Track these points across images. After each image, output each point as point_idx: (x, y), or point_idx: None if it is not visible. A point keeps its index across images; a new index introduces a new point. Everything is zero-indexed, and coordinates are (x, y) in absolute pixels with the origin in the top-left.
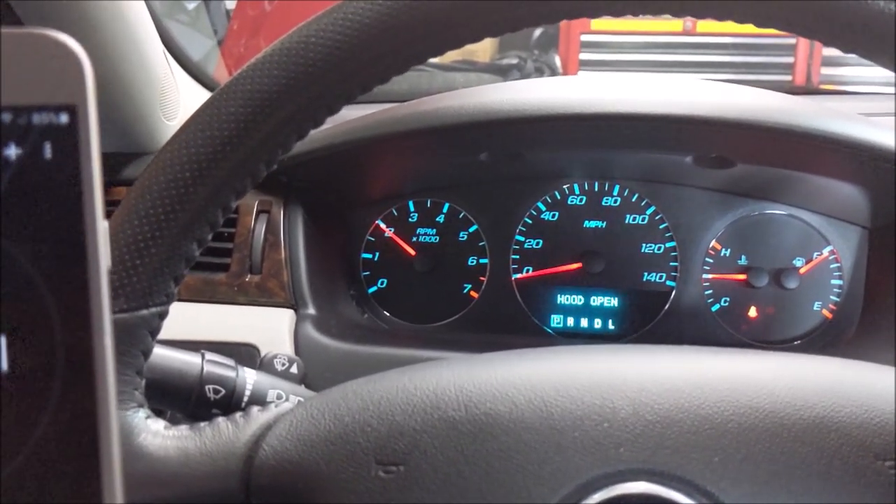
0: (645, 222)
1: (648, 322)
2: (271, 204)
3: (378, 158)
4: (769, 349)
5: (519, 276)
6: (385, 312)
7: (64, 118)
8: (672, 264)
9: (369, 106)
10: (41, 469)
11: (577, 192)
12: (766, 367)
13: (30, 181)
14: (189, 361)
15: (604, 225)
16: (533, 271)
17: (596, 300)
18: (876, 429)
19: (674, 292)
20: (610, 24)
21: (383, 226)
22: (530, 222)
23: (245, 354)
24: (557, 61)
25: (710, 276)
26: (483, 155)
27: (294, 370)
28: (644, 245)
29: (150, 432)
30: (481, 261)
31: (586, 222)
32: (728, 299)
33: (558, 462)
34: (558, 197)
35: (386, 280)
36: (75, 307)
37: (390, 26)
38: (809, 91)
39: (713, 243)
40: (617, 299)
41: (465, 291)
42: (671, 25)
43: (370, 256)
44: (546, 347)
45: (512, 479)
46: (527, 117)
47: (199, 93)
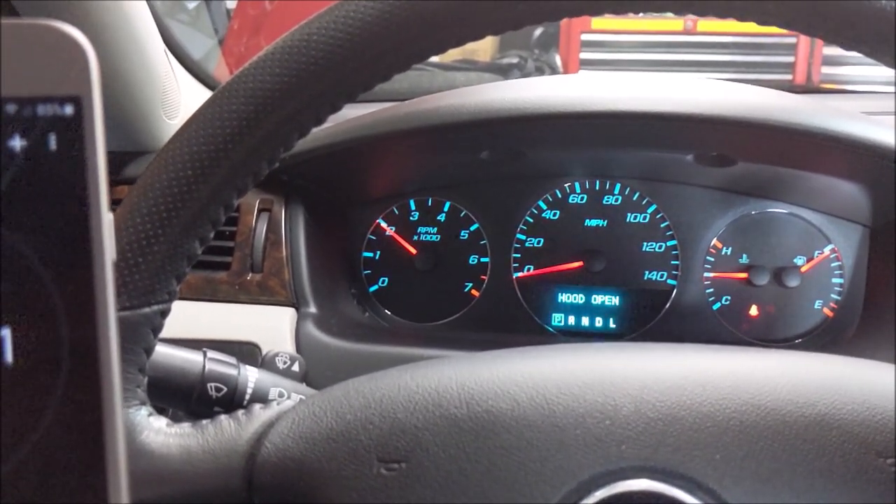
0: (646, 221)
1: (649, 321)
2: (272, 202)
3: (379, 157)
4: (770, 347)
5: (520, 275)
6: (386, 311)
7: (69, 109)
8: (673, 263)
9: (370, 105)
10: (45, 463)
11: (579, 191)
12: (768, 365)
13: (35, 173)
14: (191, 359)
15: (605, 223)
16: (534, 270)
17: (597, 299)
18: (877, 426)
19: (675, 291)
20: (610, 23)
21: (384, 224)
22: (531, 221)
23: (246, 353)
24: (558, 60)
25: (712, 275)
26: (484, 153)
27: (296, 368)
28: (645, 243)
29: (153, 430)
30: (482, 259)
31: (587, 221)
32: (729, 298)
33: (560, 459)
34: (559, 195)
35: (387, 278)
36: (80, 299)
37: (392, 24)
38: (810, 90)
39: (714, 242)
40: (618, 298)
41: (467, 290)
42: (672, 24)
43: (371, 255)
44: (548, 345)
45: (514, 477)
46: (528, 116)
47: (201, 92)
